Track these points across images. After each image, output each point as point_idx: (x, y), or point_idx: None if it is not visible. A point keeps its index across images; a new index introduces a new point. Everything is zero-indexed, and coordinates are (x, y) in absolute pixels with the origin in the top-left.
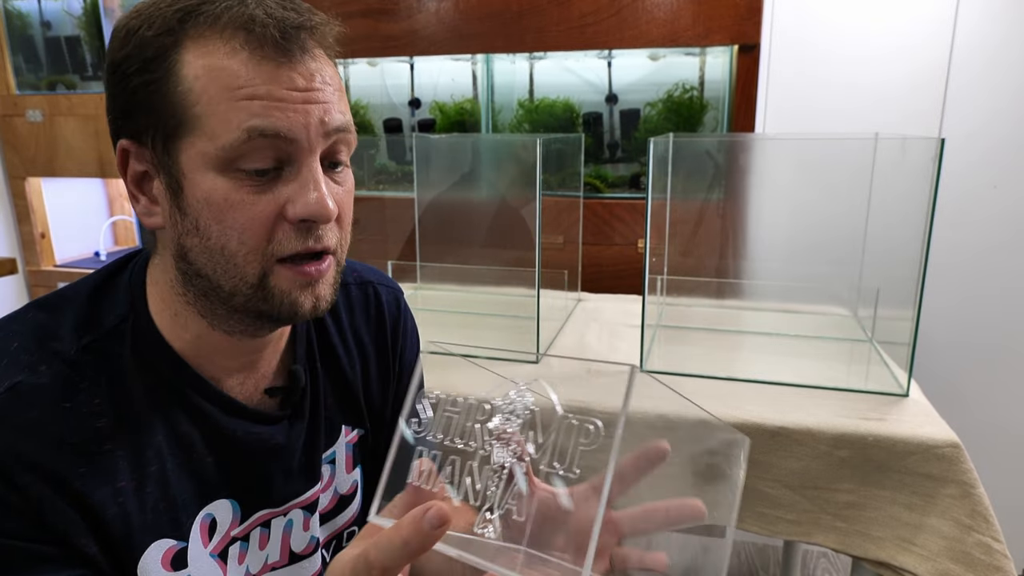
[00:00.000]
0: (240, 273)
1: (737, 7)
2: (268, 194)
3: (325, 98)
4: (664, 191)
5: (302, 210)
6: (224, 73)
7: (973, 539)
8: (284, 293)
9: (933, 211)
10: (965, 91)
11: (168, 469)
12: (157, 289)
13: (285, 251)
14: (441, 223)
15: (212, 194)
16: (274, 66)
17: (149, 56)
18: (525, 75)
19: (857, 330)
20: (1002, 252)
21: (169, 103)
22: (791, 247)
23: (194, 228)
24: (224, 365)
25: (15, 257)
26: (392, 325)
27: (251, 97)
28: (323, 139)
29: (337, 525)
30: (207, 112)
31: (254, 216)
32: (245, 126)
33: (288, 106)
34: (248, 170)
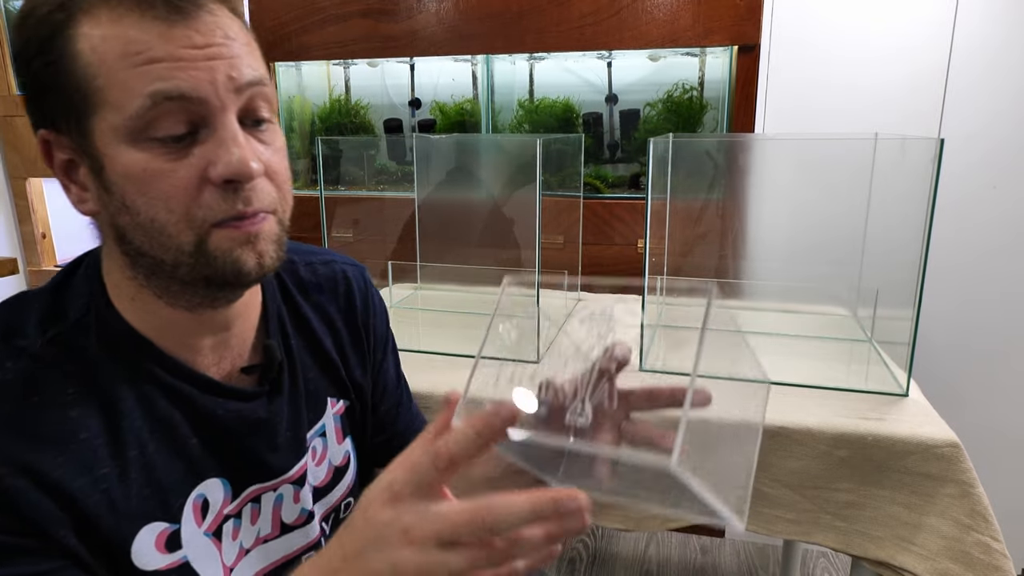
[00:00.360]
0: (175, 243)
1: (737, 7)
2: (187, 159)
3: (230, 53)
4: (664, 191)
5: (224, 170)
6: (118, 40)
7: (972, 538)
8: (225, 253)
9: (933, 211)
10: (965, 91)
11: (151, 452)
12: (112, 278)
13: (216, 216)
14: (441, 223)
15: (130, 167)
16: (167, 25)
17: (45, 36)
18: (525, 75)
19: (857, 330)
20: (1002, 253)
21: (72, 81)
22: (791, 247)
23: (123, 206)
24: (194, 344)
25: (16, 257)
26: (362, 300)
27: (150, 61)
28: (235, 95)
29: (333, 499)
30: (109, 83)
31: (176, 183)
32: (148, 91)
33: (190, 64)
34: (162, 137)
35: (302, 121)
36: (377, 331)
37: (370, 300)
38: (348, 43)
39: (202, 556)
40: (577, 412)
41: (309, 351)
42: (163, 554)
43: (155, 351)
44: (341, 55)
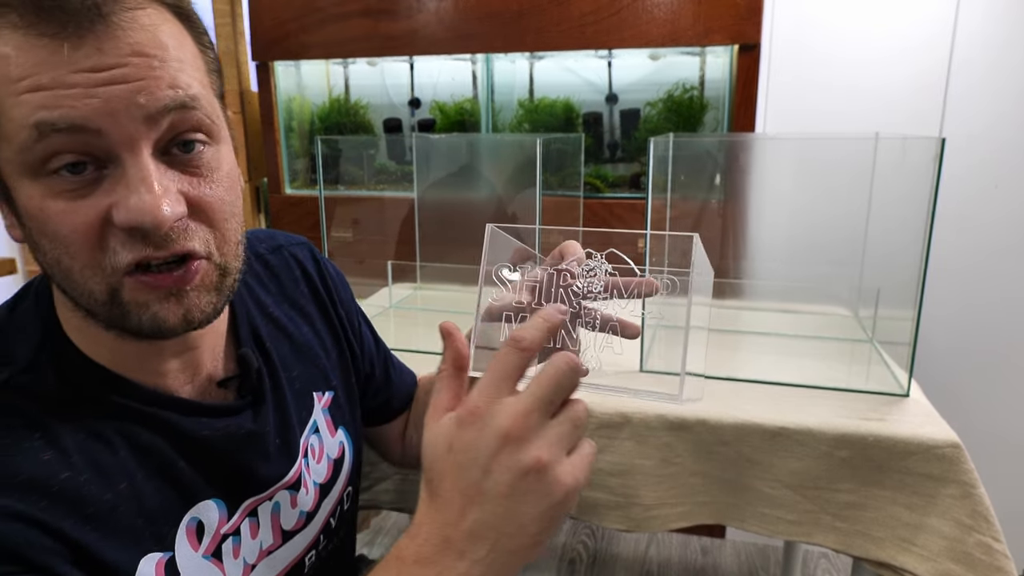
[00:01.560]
0: (85, 290)
1: (737, 7)
2: (89, 198)
3: (140, 74)
4: (664, 191)
5: (125, 217)
6: (5, 63)
7: (974, 539)
8: (141, 307)
9: (934, 211)
10: (966, 91)
11: (138, 483)
12: (63, 310)
13: (123, 261)
14: (441, 223)
15: (29, 203)
16: (58, 43)
17: None
18: (525, 75)
19: (857, 330)
20: (1004, 253)
21: None
22: (791, 247)
23: (34, 242)
24: (159, 369)
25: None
26: (319, 277)
27: (34, 88)
28: (146, 125)
29: (336, 493)
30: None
31: (76, 226)
32: (31, 121)
33: (83, 91)
34: (60, 172)
35: (301, 121)
36: (343, 299)
37: (326, 272)
38: (347, 42)
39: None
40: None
41: (288, 348)
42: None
43: (121, 382)
44: (340, 54)
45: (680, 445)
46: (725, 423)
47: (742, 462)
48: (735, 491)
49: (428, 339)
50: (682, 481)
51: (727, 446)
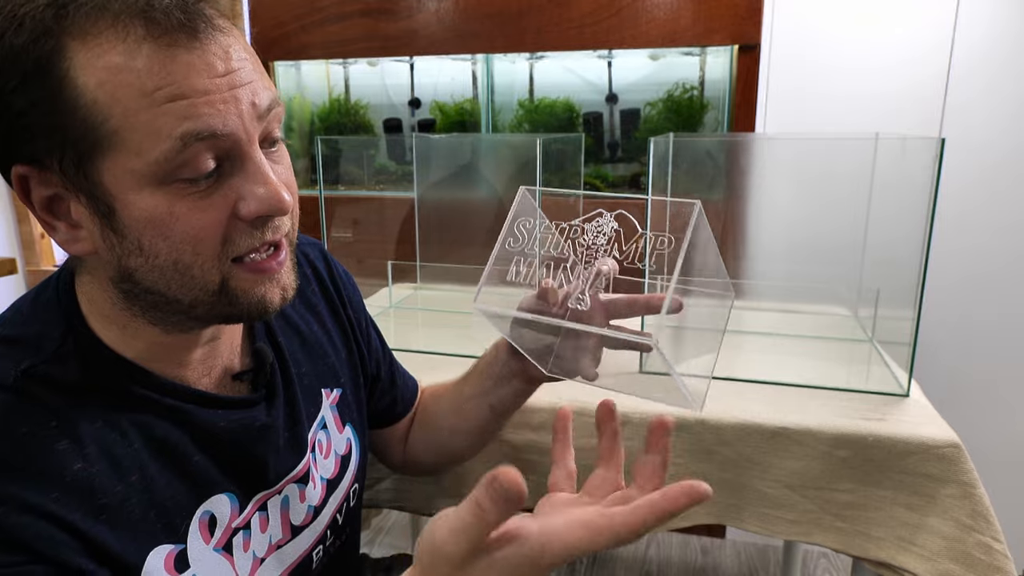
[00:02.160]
0: (199, 284)
1: (737, 7)
2: (215, 196)
3: (249, 77)
4: (664, 191)
5: (257, 207)
6: (133, 75)
7: (973, 539)
8: (248, 293)
9: (933, 211)
10: (966, 92)
11: (152, 475)
12: (95, 307)
13: (242, 250)
14: (441, 223)
15: (154, 211)
16: (186, 52)
17: (28, 69)
18: (525, 75)
19: (857, 330)
20: (1004, 253)
21: (72, 121)
22: (791, 247)
23: (137, 249)
24: (182, 361)
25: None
26: (330, 278)
27: (173, 98)
28: (258, 123)
29: (343, 489)
30: (125, 125)
31: (206, 224)
32: (178, 133)
33: (216, 97)
34: (188, 178)
35: (301, 121)
36: (353, 300)
37: (335, 273)
38: (348, 42)
39: (212, 572)
40: (578, 299)
41: (299, 345)
42: (172, 575)
43: (144, 374)
44: (341, 54)
45: (680, 445)
46: (725, 423)
47: (742, 462)
48: (735, 491)
49: (428, 339)
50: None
51: (727, 446)
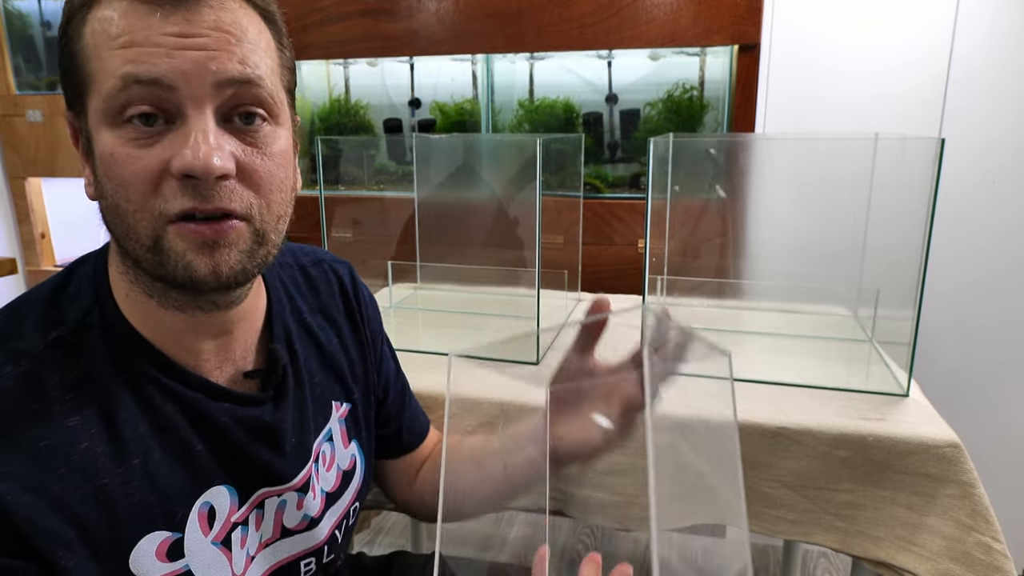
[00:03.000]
0: (134, 234)
1: (737, 7)
2: (154, 148)
3: (217, 45)
4: (664, 191)
5: (180, 163)
6: (107, 23)
7: (973, 539)
8: (178, 255)
9: (933, 211)
10: (966, 92)
11: (155, 460)
12: (113, 270)
13: (172, 209)
14: (441, 223)
15: (104, 149)
16: (154, 11)
17: (64, 21)
18: (525, 75)
19: (857, 330)
20: (1003, 254)
21: (76, 64)
22: (791, 247)
23: (101, 190)
24: (194, 348)
25: (15, 257)
26: (354, 296)
27: (128, 44)
28: (214, 89)
29: (343, 505)
30: (96, 66)
31: (138, 171)
32: (120, 72)
33: (166, 51)
34: (130, 119)
35: (302, 121)
36: (372, 324)
37: (360, 294)
38: (348, 42)
39: (208, 565)
40: None
41: (315, 355)
42: (163, 563)
43: (158, 355)
44: (341, 54)
45: None
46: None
47: (742, 462)
48: None
49: (428, 339)
50: None
51: None
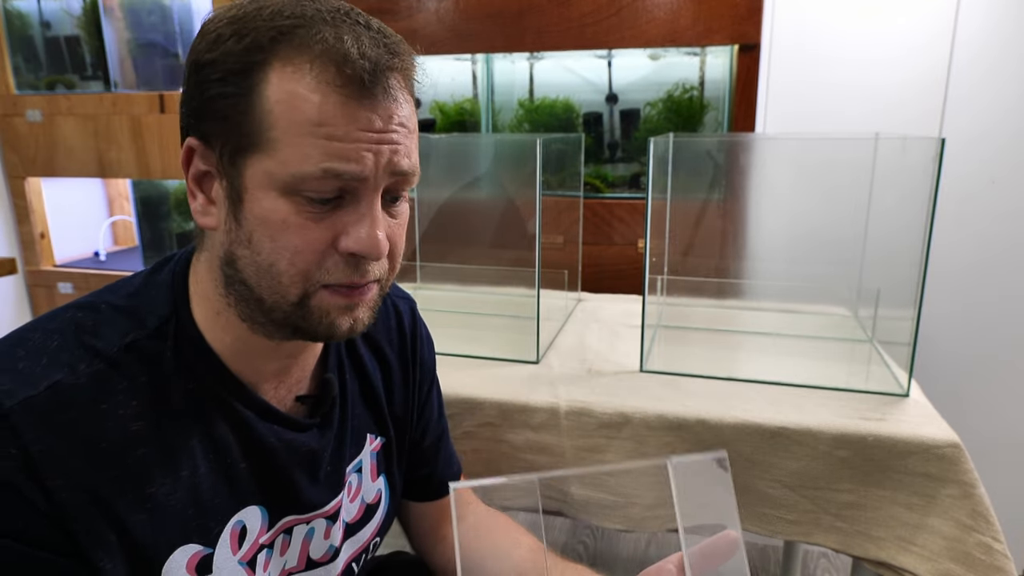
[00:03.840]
0: (284, 291)
1: (737, 7)
2: (325, 222)
3: (398, 140)
4: (664, 191)
5: (354, 245)
6: (308, 105)
7: (973, 539)
8: (323, 313)
9: (933, 211)
10: (966, 92)
11: (201, 474)
12: (200, 288)
13: (331, 280)
14: (441, 223)
15: (272, 214)
16: (356, 106)
17: (234, 69)
18: (525, 75)
19: (857, 330)
20: (1003, 253)
21: (246, 120)
22: (791, 247)
23: (247, 240)
24: (260, 369)
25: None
26: (411, 334)
27: (331, 137)
28: (387, 178)
29: (363, 538)
30: (284, 139)
31: (309, 242)
32: (322, 165)
33: (363, 147)
34: (312, 198)
35: None
36: (425, 364)
37: (419, 333)
38: None
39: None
40: None
41: (359, 388)
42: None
43: (224, 371)
44: None
45: (680, 445)
46: (725, 423)
47: (742, 462)
48: (735, 491)
49: None
50: None
51: (727, 446)
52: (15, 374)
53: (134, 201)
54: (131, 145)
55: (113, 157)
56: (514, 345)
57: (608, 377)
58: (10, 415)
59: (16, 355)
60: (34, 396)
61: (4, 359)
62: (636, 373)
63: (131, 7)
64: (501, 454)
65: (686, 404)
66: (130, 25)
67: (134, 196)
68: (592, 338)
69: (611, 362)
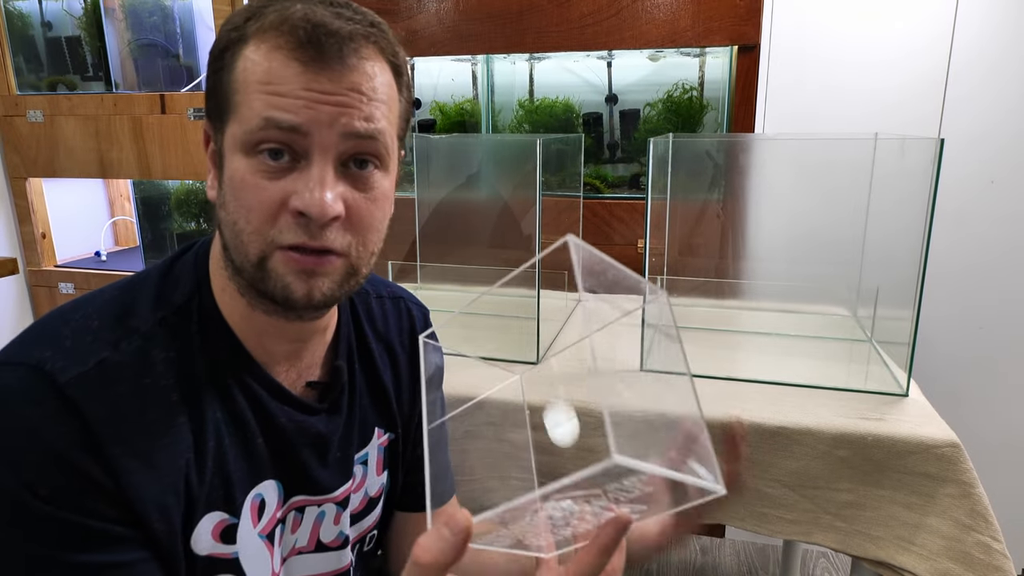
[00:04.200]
0: (244, 250)
1: (737, 7)
2: (278, 183)
3: (348, 103)
4: (664, 191)
5: (298, 203)
6: (260, 68)
7: (972, 539)
8: (279, 276)
9: (932, 211)
10: (966, 92)
11: (225, 446)
12: (214, 265)
13: (284, 240)
14: (441, 223)
15: (235, 173)
16: (300, 66)
17: (221, 48)
18: (525, 75)
19: (857, 330)
20: (1002, 254)
21: (224, 90)
22: (791, 247)
23: (224, 203)
24: (271, 350)
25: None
26: None
27: (274, 92)
28: (340, 139)
29: (364, 527)
30: (242, 100)
31: (261, 200)
32: (264, 114)
33: (304, 103)
34: (264, 153)
35: None
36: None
37: None
38: None
39: (253, 556)
40: None
41: (367, 380)
42: (217, 543)
43: (240, 348)
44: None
45: None
46: (725, 423)
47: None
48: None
49: None
50: None
51: None
52: (65, 352)
53: (135, 201)
54: (132, 145)
55: (114, 157)
56: (514, 345)
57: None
58: (66, 388)
59: (62, 334)
60: (86, 371)
61: (51, 339)
62: (636, 373)
63: (132, 8)
64: (502, 454)
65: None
66: (131, 26)
67: (135, 196)
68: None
69: (611, 362)
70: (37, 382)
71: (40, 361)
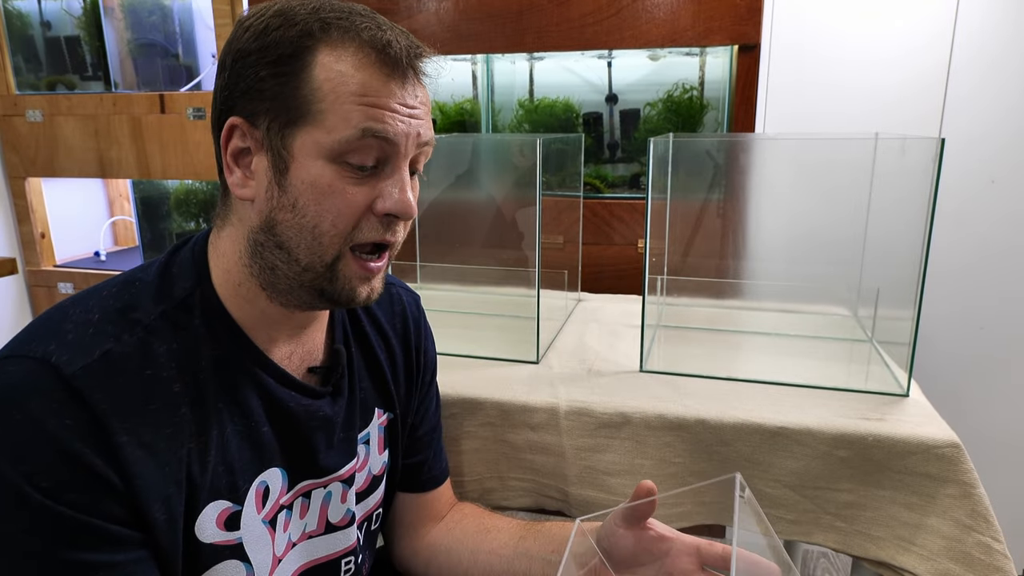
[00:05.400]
0: (322, 252)
1: (737, 7)
2: (364, 187)
3: (422, 115)
4: (664, 191)
5: (390, 205)
6: (353, 80)
7: (973, 539)
8: (347, 280)
9: (933, 211)
10: (966, 92)
11: (228, 434)
12: (222, 261)
13: (365, 239)
14: (441, 223)
15: (318, 179)
16: (393, 83)
17: (286, 53)
18: (525, 75)
19: (857, 330)
20: (1003, 253)
21: (296, 96)
22: (791, 247)
23: (291, 205)
24: (274, 337)
25: (15, 257)
26: (414, 323)
27: (372, 105)
28: (414, 148)
29: (368, 507)
30: (331, 109)
31: (349, 203)
32: (362, 126)
33: (398, 117)
34: (353, 164)
35: None
36: (428, 354)
37: (422, 325)
38: None
39: (256, 541)
40: None
41: (364, 361)
42: (221, 531)
43: (244, 339)
44: None
45: (680, 445)
46: (725, 423)
47: (742, 462)
48: None
49: None
50: (682, 481)
51: (727, 446)
52: (68, 345)
53: (134, 201)
54: (131, 145)
55: (113, 157)
56: (514, 345)
57: (608, 377)
58: (72, 380)
59: (64, 328)
60: (91, 363)
61: (54, 333)
62: (636, 373)
63: (131, 7)
64: (501, 454)
65: (686, 404)
66: (130, 25)
67: (134, 196)
68: (592, 338)
69: (611, 362)
70: (43, 374)
71: (45, 354)
